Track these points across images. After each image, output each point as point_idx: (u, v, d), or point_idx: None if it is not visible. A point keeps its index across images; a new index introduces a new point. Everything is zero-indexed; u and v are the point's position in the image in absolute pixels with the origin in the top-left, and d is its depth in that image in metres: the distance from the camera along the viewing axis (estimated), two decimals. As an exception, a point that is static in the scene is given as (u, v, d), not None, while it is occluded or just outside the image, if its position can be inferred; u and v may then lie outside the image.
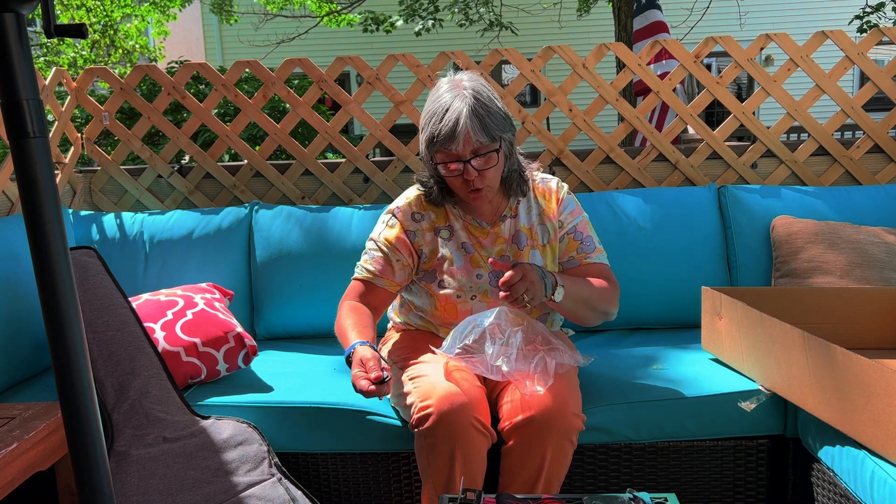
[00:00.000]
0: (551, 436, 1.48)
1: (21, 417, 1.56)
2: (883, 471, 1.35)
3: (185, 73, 2.55)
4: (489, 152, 1.56)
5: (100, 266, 1.88)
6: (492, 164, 1.58)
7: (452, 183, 1.63)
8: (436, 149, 1.57)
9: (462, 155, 1.55)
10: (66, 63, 8.97)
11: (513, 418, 1.50)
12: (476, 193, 1.62)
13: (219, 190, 2.63)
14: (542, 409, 1.48)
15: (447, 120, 1.54)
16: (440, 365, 1.58)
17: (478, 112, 1.54)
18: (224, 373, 1.93)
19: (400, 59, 2.50)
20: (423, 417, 1.47)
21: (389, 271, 1.71)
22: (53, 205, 0.75)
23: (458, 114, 1.53)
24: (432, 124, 1.57)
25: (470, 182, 1.58)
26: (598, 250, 1.76)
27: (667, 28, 4.50)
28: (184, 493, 1.61)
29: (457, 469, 1.46)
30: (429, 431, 1.47)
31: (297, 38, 9.43)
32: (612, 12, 6.65)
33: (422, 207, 1.75)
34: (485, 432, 1.49)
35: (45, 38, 0.94)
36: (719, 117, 9.91)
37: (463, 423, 1.45)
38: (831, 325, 1.87)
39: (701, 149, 2.52)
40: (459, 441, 1.45)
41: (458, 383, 1.51)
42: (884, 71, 2.44)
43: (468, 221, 1.74)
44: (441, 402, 1.46)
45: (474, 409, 1.47)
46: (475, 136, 1.53)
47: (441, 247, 1.72)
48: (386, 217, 1.77)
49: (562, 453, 1.51)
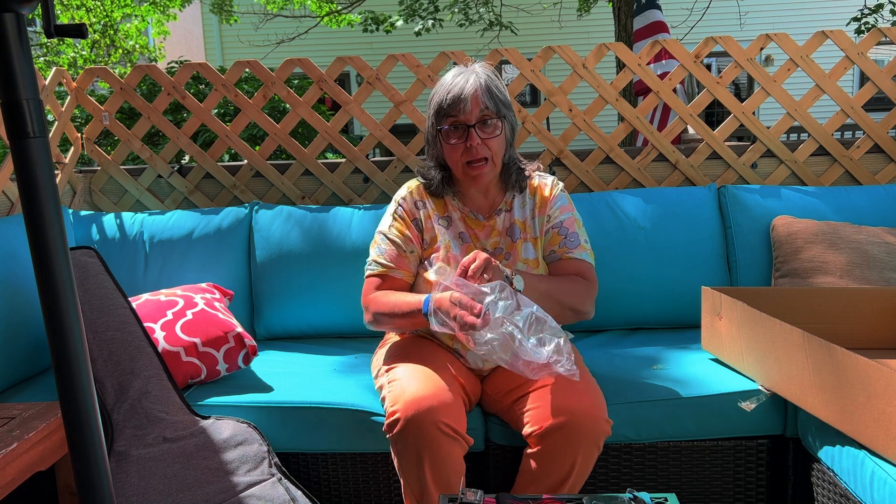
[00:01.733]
0: (582, 442, 1.48)
1: (21, 417, 1.56)
2: (883, 471, 1.35)
3: (185, 73, 2.55)
4: (492, 120, 1.62)
5: (100, 266, 1.88)
6: (496, 133, 1.63)
7: (454, 155, 1.64)
8: (444, 114, 1.62)
9: (468, 120, 1.60)
10: (66, 63, 8.97)
11: (542, 423, 1.49)
12: (478, 168, 1.63)
13: (219, 190, 2.63)
14: (573, 415, 1.47)
15: (456, 84, 1.61)
16: (417, 368, 1.58)
17: (487, 84, 1.62)
18: (224, 373, 1.93)
19: (400, 59, 2.50)
20: (391, 423, 1.49)
21: (404, 261, 1.73)
22: (53, 205, 0.75)
23: (467, 79, 1.62)
24: (440, 93, 1.64)
25: (474, 149, 1.61)
26: (581, 247, 1.74)
27: (667, 28, 4.50)
28: (184, 492, 1.61)
29: (427, 474, 1.46)
30: (397, 437, 1.48)
31: (297, 38, 9.43)
32: (612, 12, 6.65)
33: (422, 196, 1.78)
34: (455, 437, 1.47)
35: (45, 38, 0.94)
36: (719, 117, 9.92)
37: (429, 429, 1.45)
38: (831, 324, 1.87)
39: (701, 149, 2.52)
40: (426, 446, 1.45)
41: (433, 388, 1.50)
42: (884, 71, 2.44)
43: (466, 213, 1.76)
44: (407, 407, 1.46)
45: (442, 413, 1.46)
46: (482, 99, 1.60)
47: (440, 235, 1.74)
48: (393, 207, 1.79)
49: (590, 459, 1.52)
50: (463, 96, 1.58)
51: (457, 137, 1.62)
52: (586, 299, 1.70)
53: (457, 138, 1.62)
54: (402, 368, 1.61)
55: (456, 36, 8.83)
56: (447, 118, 1.62)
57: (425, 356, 1.65)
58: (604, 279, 1.96)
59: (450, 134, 1.63)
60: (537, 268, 1.72)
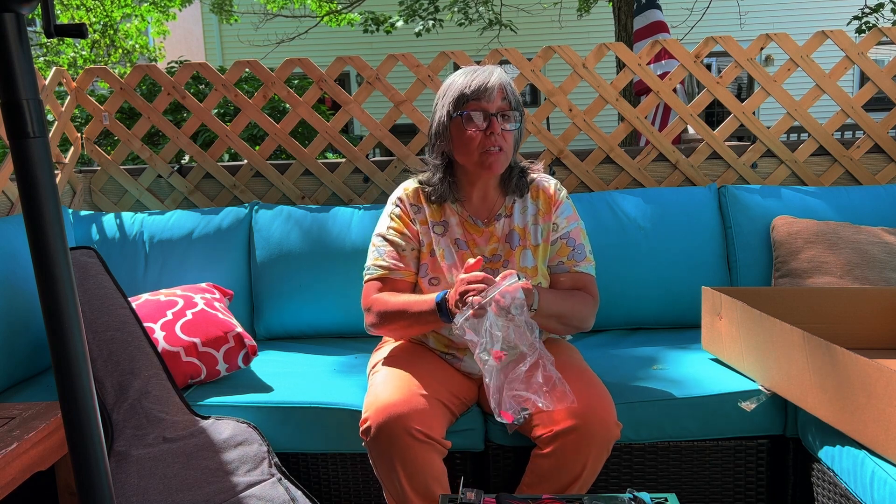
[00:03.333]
0: (593, 446, 1.48)
1: (21, 417, 1.56)
2: (883, 471, 1.35)
3: (185, 73, 2.55)
4: (512, 115, 1.62)
5: (100, 266, 1.88)
6: (513, 127, 1.64)
7: (472, 145, 1.62)
8: (466, 99, 1.61)
9: (490, 108, 1.60)
10: (66, 63, 8.97)
11: (553, 426, 1.49)
12: (496, 156, 1.62)
13: (219, 190, 2.63)
14: (585, 418, 1.47)
15: (480, 73, 1.62)
16: (394, 374, 1.58)
17: (508, 81, 1.65)
18: (224, 373, 1.93)
19: (400, 59, 2.50)
20: (364, 430, 1.50)
21: (406, 260, 1.71)
22: (53, 205, 0.75)
23: (492, 73, 1.62)
24: (461, 83, 1.62)
25: (494, 137, 1.60)
26: (587, 260, 1.74)
27: (667, 28, 4.50)
28: (183, 493, 1.61)
29: (402, 479, 1.47)
30: (371, 444, 1.49)
31: (297, 38, 9.42)
32: (612, 12, 6.65)
33: (418, 200, 1.75)
34: (428, 442, 1.47)
35: (45, 38, 0.94)
36: (719, 117, 9.91)
37: (400, 435, 1.45)
38: (831, 325, 1.87)
39: (701, 149, 2.52)
40: (398, 452, 1.46)
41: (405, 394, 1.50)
42: (884, 71, 2.44)
43: (465, 218, 1.73)
44: (377, 414, 1.47)
45: (414, 419, 1.46)
46: (507, 91, 1.62)
47: (434, 242, 1.71)
48: (389, 208, 1.77)
49: (599, 462, 1.52)
50: (490, 85, 1.59)
51: (477, 125, 1.60)
52: (590, 318, 1.72)
53: (477, 126, 1.60)
54: (381, 374, 1.61)
55: (456, 36, 8.82)
56: (469, 103, 1.60)
57: (413, 362, 1.65)
58: (604, 280, 1.95)
59: (472, 120, 1.60)
60: (535, 276, 1.69)
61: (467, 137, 1.61)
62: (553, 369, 1.42)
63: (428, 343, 1.75)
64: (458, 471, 1.74)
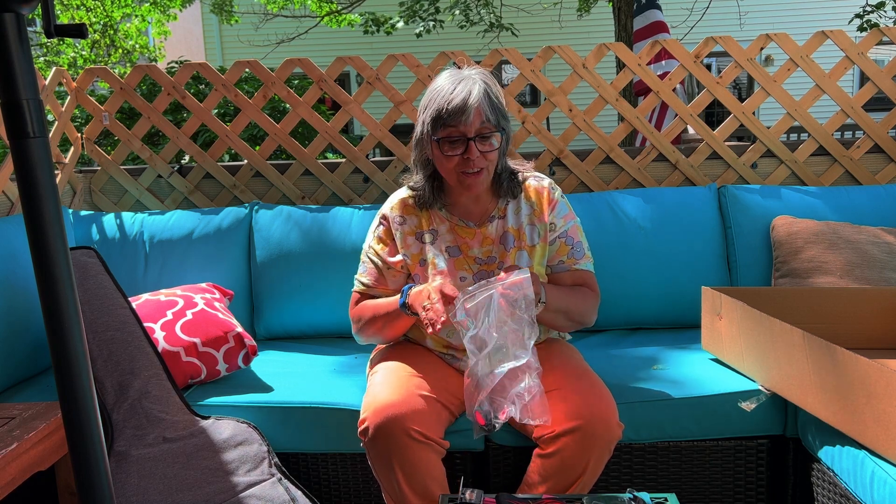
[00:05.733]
0: (595, 447, 1.48)
1: (21, 417, 1.56)
2: (883, 471, 1.35)
3: (185, 73, 2.55)
4: (492, 134, 1.55)
5: (100, 266, 1.88)
6: (494, 147, 1.57)
7: (449, 165, 1.58)
8: (442, 124, 1.53)
9: (467, 132, 1.53)
10: (66, 63, 8.97)
11: (555, 427, 1.49)
12: (474, 177, 1.58)
13: (219, 190, 2.63)
14: (588, 420, 1.48)
15: (458, 93, 1.52)
16: (392, 375, 1.59)
17: (488, 95, 1.55)
18: (224, 373, 1.93)
19: (400, 60, 2.50)
20: (363, 431, 1.50)
21: (383, 281, 1.73)
22: (53, 205, 0.75)
23: (470, 89, 1.52)
24: (439, 100, 1.53)
25: (472, 161, 1.54)
26: (586, 257, 1.74)
27: (667, 28, 4.50)
28: (183, 493, 1.61)
29: (400, 479, 1.47)
30: (369, 444, 1.50)
31: (297, 38, 9.42)
32: (612, 12, 6.65)
33: (406, 211, 1.73)
34: (426, 442, 1.48)
35: (45, 38, 0.94)
36: (719, 117, 9.91)
37: (398, 435, 1.45)
38: (831, 325, 1.87)
39: (701, 149, 2.52)
40: (396, 452, 1.46)
41: (403, 395, 1.50)
42: (884, 71, 2.44)
43: (455, 223, 1.71)
44: (375, 414, 1.48)
45: (412, 420, 1.47)
46: (485, 112, 1.52)
47: (425, 251, 1.70)
48: (374, 224, 1.77)
49: (601, 462, 1.52)
50: (466, 108, 1.50)
51: (454, 149, 1.55)
52: (593, 313, 1.73)
53: (454, 150, 1.55)
54: (379, 374, 1.62)
55: (456, 36, 8.82)
56: (446, 128, 1.53)
57: (411, 362, 1.65)
58: (604, 279, 1.95)
59: (446, 145, 1.55)
60: None
61: (445, 159, 1.58)
62: (537, 381, 1.42)
63: (426, 343, 1.76)
64: (458, 471, 1.74)
